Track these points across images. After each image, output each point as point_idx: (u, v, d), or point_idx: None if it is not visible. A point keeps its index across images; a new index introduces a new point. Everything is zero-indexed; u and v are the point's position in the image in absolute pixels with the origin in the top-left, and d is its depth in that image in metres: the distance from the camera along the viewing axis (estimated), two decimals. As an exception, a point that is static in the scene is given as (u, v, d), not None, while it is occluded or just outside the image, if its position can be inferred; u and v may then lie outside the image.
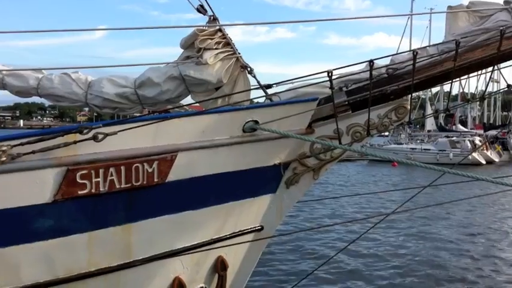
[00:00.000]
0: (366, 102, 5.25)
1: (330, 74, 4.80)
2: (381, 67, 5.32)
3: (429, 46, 5.79)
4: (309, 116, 5.27)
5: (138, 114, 5.73)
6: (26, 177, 4.19)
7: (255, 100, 5.84)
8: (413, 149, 57.44)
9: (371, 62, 4.94)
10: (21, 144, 4.06)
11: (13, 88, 5.67)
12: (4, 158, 4.01)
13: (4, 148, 4.00)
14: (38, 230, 4.37)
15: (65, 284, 4.63)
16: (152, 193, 4.71)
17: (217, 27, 5.32)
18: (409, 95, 5.44)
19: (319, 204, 22.57)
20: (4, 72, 5.63)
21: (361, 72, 5.31)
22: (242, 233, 5.54)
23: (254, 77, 5.51)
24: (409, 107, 5.53)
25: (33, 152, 4.07)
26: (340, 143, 5.31)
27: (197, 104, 5.90)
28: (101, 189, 4.42)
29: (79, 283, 4.70)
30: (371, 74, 4.98)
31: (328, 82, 4.93)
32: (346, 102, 5.35)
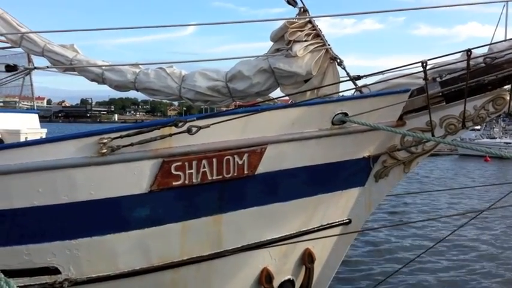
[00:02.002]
0: (461, 93, 5.04)
1: (424, 65, 4.65)
2: (478, 56, 5.08)
3: (531, 34, 5.45)
4: (400, 107, 5.14)
5: (224, 108, 5.85)
6: (124, 168, 4.42)
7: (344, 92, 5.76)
8: (507, 143, 54.29)
9: (469, 51, 4.73)
10: (121, 136, 4.28)
11: (112, 82, 5.98)
12: (105, 150, 4.25)
13: (105, 140, 4.24)
14: (134, 219, 4.60)
15: (159, 272, 4.84)
16: (242, 185, 4.80)
17: (307, 19, 5.30)
18: (509, 85, 5.17)
19: (406, 198, 21.91)
20: (104, 67, 5.94)
21: (457, 62, 5.09)
22: (330, 226, 5.52)
23: (344, 68, 5.43)
24: (508, 98, 5.25)
25: (131, 145, 4.28)
26: (433, 135, 5.14)
27: (286, 97, 5.92)
28: (194, 180, 4.57)
29: (172, 271, 4.90)
30: (468, 63, 4.76)
31: (421, 73, 4.79)
32: (440, 93, 5.16)
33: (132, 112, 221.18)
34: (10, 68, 7.05)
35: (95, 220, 4.49)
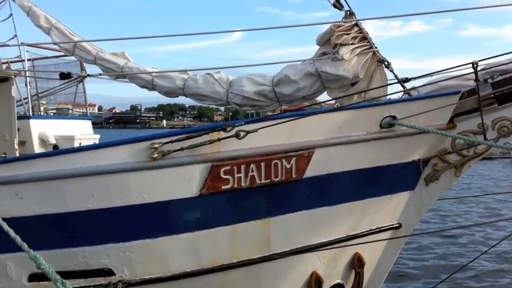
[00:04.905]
0: None
1: (475, 66, 4.55)
2: None
3: None
4: (451, 110, 5.03)
5: (271, 113, 5.88)
6: (175, 172, 4.51)
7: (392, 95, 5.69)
8: None
9: None
10: (171, 141, 4.37)
11: (162, 89, 6.11)
12: (156, 155, 4.35)
13: (156, 145, 4.35)
14: (185, 222, 4.68)
15: (210, 274, 4.91)
16: (290, 189, 4.81)
17: (354, 22, 5.28)
18: None
19: (457, 203, 21.24)
20: (154, 74, 6.08)
21: (509, 63, 4.95)
22: (379, 230, 5.45)
23: (391, 71, 5.37)
24: None
25: (181, 149, 4.37)
26: (485, 138, 5.01)
27: (333, 101, 5.91)
28: (243, 184, 4.61)
29: (222, 274, 4.95)
30: None
31: (472, 74, 4.68)
32: (492, 95, 5.03)
33: (180, 117, 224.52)
34: (64, 76, 7.32)
35: (147, 223, 4.60)
